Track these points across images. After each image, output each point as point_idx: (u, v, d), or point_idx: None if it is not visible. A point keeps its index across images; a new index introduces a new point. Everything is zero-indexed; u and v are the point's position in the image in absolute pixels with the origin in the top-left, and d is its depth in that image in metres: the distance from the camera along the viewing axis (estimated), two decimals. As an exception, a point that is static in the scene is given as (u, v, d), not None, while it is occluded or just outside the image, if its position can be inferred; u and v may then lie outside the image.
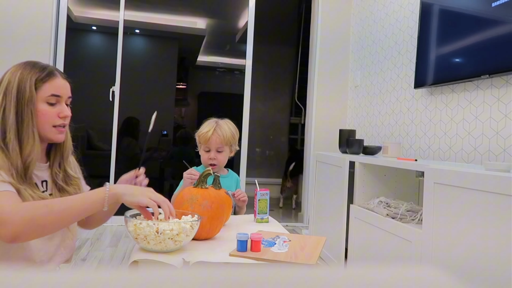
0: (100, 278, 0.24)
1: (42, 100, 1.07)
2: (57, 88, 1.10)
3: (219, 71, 5.06)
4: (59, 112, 1.10)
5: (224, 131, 1.63)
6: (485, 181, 1.30)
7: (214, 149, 1.62)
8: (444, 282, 0.26)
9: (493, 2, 1.82)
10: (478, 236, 1.32)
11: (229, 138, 1.63)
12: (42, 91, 1.07)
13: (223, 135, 1.62)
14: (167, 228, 1.00)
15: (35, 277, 0.23)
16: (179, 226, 1.01)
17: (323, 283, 0.24)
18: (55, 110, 1.10)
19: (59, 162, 1.18)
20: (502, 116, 1.88)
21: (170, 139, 4.31)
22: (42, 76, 1.08)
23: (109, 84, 3.38)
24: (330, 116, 3.65)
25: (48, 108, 1.08)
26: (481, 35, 1.91)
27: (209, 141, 1.61)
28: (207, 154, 1.64)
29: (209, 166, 1.61)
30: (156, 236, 0.99)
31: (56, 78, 1.11)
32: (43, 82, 1.08)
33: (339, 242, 2.33)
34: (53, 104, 1.09)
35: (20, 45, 3.09)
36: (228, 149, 1.66)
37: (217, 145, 1.62)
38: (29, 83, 1.05)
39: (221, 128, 1.64)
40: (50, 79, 1.09)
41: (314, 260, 1.03)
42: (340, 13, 3.70)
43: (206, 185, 1.25)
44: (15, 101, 1.04)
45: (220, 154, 1.63)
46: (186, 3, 4.22)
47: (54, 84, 1.10)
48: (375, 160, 2.08)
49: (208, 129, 1.62)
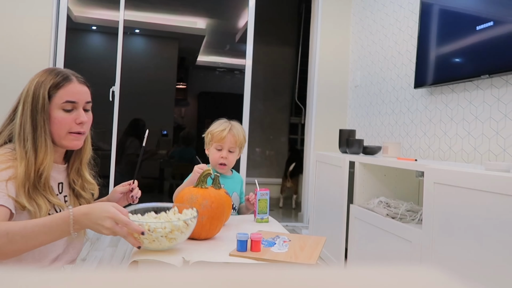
0: (100, 278, 0.24)
1: (57, 107, 1.06)
2: (72, 94, 1.07)
3: (219, 71, 5.05)
4: (75, 118, 1.08)
5: (238, 132, 1.64)
6: (485, 181, 1.30)
7: (226, 148, 1.62)
8: (444, 282, 0.26)
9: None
10: (478, 236, 1.32)
11: (241, 139, 1.65)
12: (56, 98, 1.06)
13: (237, 135, 1.63)
14: (159, 226, 0.97)
15: (36, 277, 0.23)
16: (171, 224, 0.98)
17: (323, 283, 0.24)
18: (72, 117, 1.08)
19: (77, 167, 1.18)
20: (502, 116, 1.88)
21: (170, 139, 4.31)
22: (57, 83, 1.06)
23: (109, 84, 3.38)
24: (330, 116, 3.65)
25: (64, 115, 1.07)
26: (481, 35, 1.91)
27: (224, 140, 1.61)
28: (218, 153, 1.62)
29: (218, 165, 1.62)
30: (149, 235, 0.96)
31: (71, 83, 1.08)
32: (57, 89, 1.06)
33: (339, 242, 2.33)
34: (69, 110, 1.07)
35: (20, 45, 3.09)
36: (238, 151, 1.66)
37: (230, 144, 1.62)
38: (43, 90, 1.04)
39: (236, 128, 1.65)
40: (65, 85, 1.07)
41: (314, 260, 1.03)
42: (340, 13, 3.70)
43: (206, 185, 1.25)
44: (30, 110, 1.04)
45: (231, 154, 1.63)
46: (186, 3, 4.21)
47: (69, 90, 1.07)
48: (375, 160, 2.08)
49: (224, 128, 1.63)
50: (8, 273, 0.23)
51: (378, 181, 2.22)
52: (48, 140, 1.05)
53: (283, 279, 0.25)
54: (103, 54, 3.72)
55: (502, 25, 1.79)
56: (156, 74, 4.11)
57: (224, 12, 4.42)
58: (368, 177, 2.21)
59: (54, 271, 0.24)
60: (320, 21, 3.68)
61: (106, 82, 3.39)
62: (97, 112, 4.14)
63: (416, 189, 2.23)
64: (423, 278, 0.27)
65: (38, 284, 0.23)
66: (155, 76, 4.10)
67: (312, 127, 3.67)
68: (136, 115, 3.79)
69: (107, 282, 0.23)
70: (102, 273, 0.24)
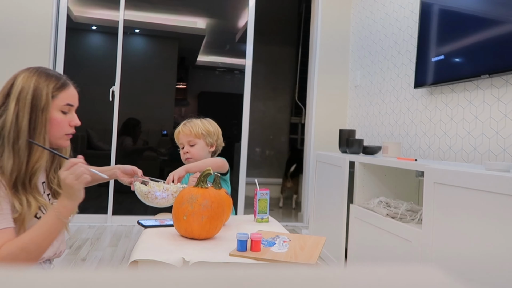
0: (100, 278, 0.24)
1: (56, 108, 1.10)
2: (71, 97, 1.14)
3: (219, 71, 5.05)
4: (70, 121, 1.13)
5: (193, 125, 1.70)
6: (485, 181, 1.30)
7: (186, 143, 1.69)
8: (444, 282, 0.26)
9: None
10: (478, 236, 1.32)
11: (199, 131, 1.69)
12: (58, 99, 1.10)
13: (191, 127, 1.69)
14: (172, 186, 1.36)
15: (36, 277, 0.23)
16: (176, 187, 1.37)
17: (323, 283, 0.24)
18: (67, 119, 1.13)
19: (55, 167, 1.20)
20: (502, 116, 1.88)
21: (170, 139, 4.31)
22: (59, 86, 1.10)
23: (109, 84, 3.38)
24: (330, 116, 3.65)
25: (62, 117, 1.11)
26: (481, 35, 1.91)
27: (178, 136, 1.71)
28: (182, 151, 1.72)
29: (186, 161, 1.69)
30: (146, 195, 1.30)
31: (70, 87, 1.14)
32: (59, 91, 1.10)
33: (339, 242, 2.33)
34: (65, 112, 1.12)
35: (20, 45, 3.09)
36: (202, 142, 1.69)
37: (187, 138, 1.69)
38: (46, 91, 1.07)
39: (191, 123, 1.71)
40: (65, 88, 1.12)
41: (314, 260, 1.03)
42: (340, 13, 3.70)
43: (206, 185, 1.25)
44: (29, 108, 1.05)
45: (193, 147, 1.69)
46: (186, 3, 4.21)
47: (69, 93, 1.13)
48: (375, 160, 2.08)
49: (178, 127, 1.73)
50: (8, 273, 0.23)
51: (378, 181, 2.22)
52: (46, 140, 1.07)
53: (283, 279, 0.25)
54: (103, 54, 3.72)
55: (502, 25, 1.79)
56: (156, 74, 4.11)
57: (224, 12, 4.41)
58: (368, 177, 2.21)
59: (54, 271, 0.24)
60: (320, 21, 3.68)
61: (106, 82, 3.39)
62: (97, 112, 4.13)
63: (416, 189, 2.23)
64: (423, 278, 0.27)
65: (38, 284, 0.23)
66: (155, 76, 4.09)
67: (312, 127, 3.67)
68: (136, 115, 3.79)
69: (107, 282, 0.23)
70: (102, 273, 0.24)
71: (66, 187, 1.02)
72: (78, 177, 1.01)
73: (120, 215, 3.40)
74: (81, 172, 1.01)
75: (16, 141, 1.03)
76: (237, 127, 3.58)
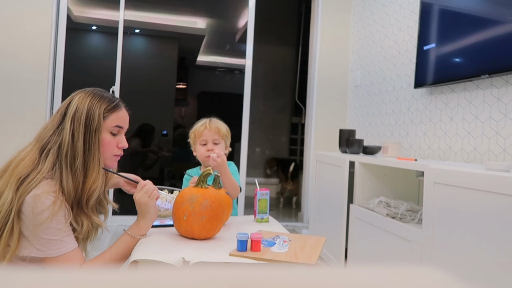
0: (100, 278, 0.24)
1: (107, 129, 1.11)
2: (122, 119, 1.15)
3: (219, 71, 5.05)
4: (118, 142, 1.14)
5: (218, 123, 1.67)
6: (485, 181, 1.30)
7: (210, 141, 1.64)
8: (444, 282, 0.26)
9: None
10: (478, 236, 1.32)
11: (224, 131, 1.66)
12: (109, 120, 1.11)
13: (217, 127, 1.65)
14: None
15: (36, 277, 0.23)
16: None
17: (323, 283, 0.24)
18: (115, 140, 1.14)
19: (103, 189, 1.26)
20: (502, 116, 1.88)
21: (170, 139, 4.31)
22: (112, 106, 1.12)
23: (109, 84, 3.38)
24: (330, 116, 3.65)
25: (111, 138, 1.12)
26: (481, 34, 1.91)
27: (204, 132, 1.63)
28: (204, 148, 1.64)
29: (207, 159, 1.58)
30: None
31: (121, 109, 1.15)
32: (111, 113, 1.11)
33: (339, 242, 2.33)
34: (114, 134, 1.13)
35: (20, 45, 3.09)
36: (223, 143, 1.67)
37: (213, 136, 1.64)
38: (98, 111, 1.08)
39: (215, 121, 1.68)
40: (117, 110, 1.13)
41: (314, 260, 1.03)
42: (340, 13, 3.70)
43: (206, 185, 1.25)
44: (83, 128, 1.06)
45: (217, 146, 1.64)
46: (186, 3, 4.21)
47: (120, 115, 1.14)
48: (375, 160, 2.08)
49: (203, 123, 1.67)
50: (8, 273, 0.23)
51: (378, 181, 2.22)
52: (100, 161, 1.09)
53: (283, 279, 0.25)
54: (103, 54, 3.72)
55: (502, 25, 1.79)
56: (156, 74, 4.11)
57: (224, 12, 4.41)
58: (368, 177, 2.21)
59: (54, 271, 0.24)
60: (320, 21, 3.68)
61: (106, 82, 3.39)
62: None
63: (416, 189, 2.23)
64: (423, 278, 0.27)
65: (38, 284, 0.23)
66: (155, 76, 4.09)
67: (312, 127, 3.67)
68: (136, 115, 3.79)
69: (107, 282, 0.23)
70: (102, 273, 0.24)
71: (141, 207, 1.14)
72: (149, 194, 1.14)
73: (120, 215, 3.40)
74: (150, 189, 1.14)
75: (73, 162, 1.04)
76: (237, 127, 3.58)
